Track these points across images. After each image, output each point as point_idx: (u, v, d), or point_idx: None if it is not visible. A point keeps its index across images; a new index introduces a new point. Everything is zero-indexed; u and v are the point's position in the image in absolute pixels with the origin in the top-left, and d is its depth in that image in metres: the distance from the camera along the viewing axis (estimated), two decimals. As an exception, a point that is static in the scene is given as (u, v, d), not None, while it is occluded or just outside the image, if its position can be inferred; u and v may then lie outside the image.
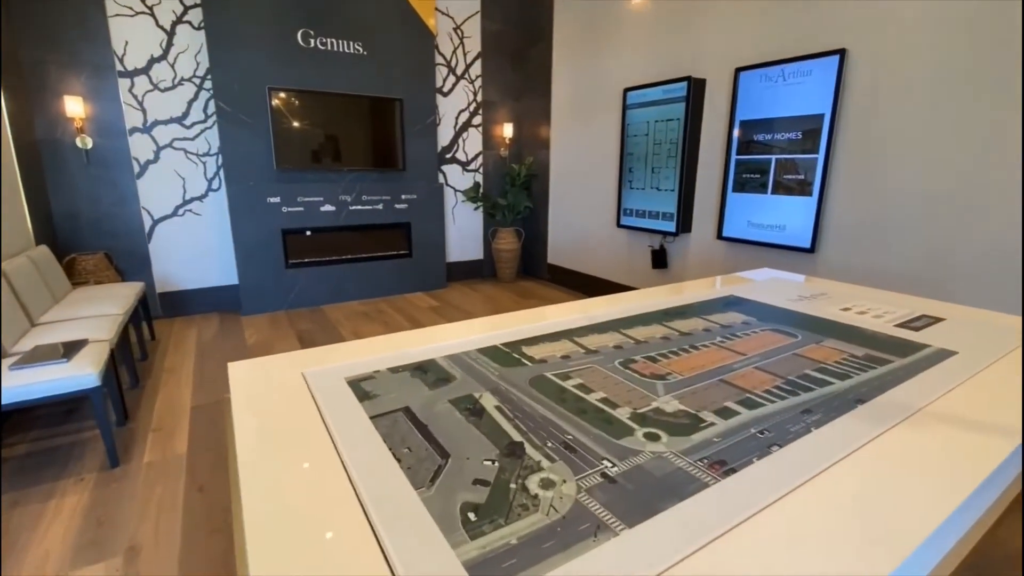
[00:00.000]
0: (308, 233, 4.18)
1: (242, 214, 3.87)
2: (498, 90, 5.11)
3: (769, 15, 2.94)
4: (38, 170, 3.33)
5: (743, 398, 0.97)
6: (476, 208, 5.19)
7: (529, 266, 5.53)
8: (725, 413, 0.91)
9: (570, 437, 0.82)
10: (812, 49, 2.74)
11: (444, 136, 4.88)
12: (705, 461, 0.76)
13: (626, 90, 3.83)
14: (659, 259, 3.90)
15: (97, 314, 2.64)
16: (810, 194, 2.84)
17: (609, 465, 0.75)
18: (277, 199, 3.99)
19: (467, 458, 0.76)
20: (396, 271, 4.65)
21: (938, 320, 1.47)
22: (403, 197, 4.51)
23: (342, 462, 0.75)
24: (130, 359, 2.79)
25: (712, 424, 0.87)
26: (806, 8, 2.76)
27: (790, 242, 2.98)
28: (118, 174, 3.62)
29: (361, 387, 1.00)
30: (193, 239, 3.97)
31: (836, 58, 2.62)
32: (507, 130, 5.18)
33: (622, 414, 0.90)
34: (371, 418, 0.88)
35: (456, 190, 5.06)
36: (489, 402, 0.94)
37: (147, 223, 3.79)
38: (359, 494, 0.68)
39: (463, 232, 5.20)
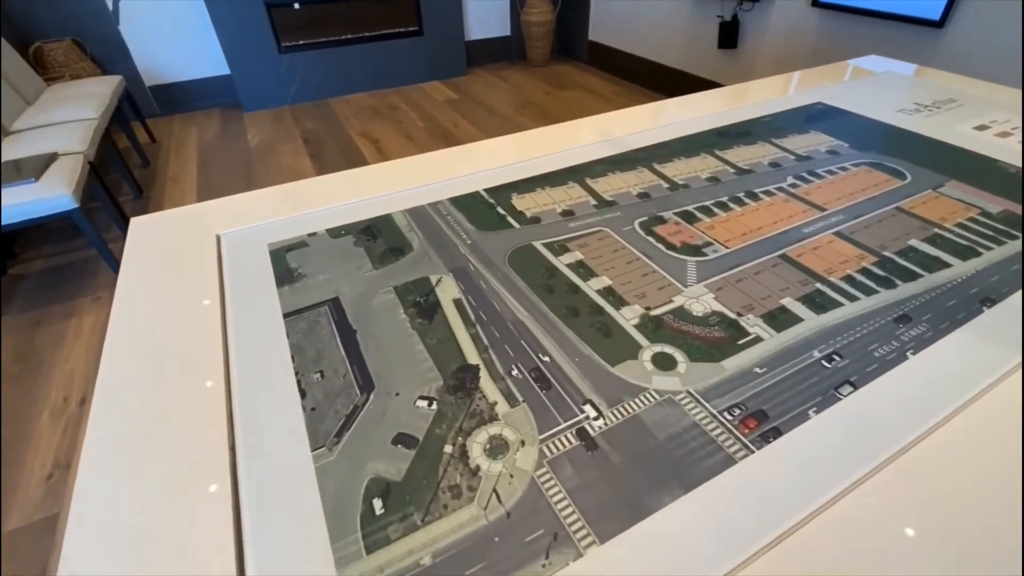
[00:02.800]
0: (296, 6, 3.48)
1: (212, -18, 3.18)
2: None
3: None
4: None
5: (810, 291, 0.67)
6: (501, -35, 4.12)
7: (566, 44, 4.64)
8: (779, 319, 0.63)
9: (547, 359, 0.59)
10: None
11: None
12: (736, 412, 0.52)
13: None
14: (728, 35, 3.09)
15: (71, 119, 2.37)
16: (969, -70, 1.96)
17: (593, 415, 0.52)
18: (250, -41, 3.21)
19: (396, 393, 0.55)
20: (407, 54, 3.98)
21: (1124, 146, 1.01)
22: (406, -49, 3.56)
23: (228, 393, 0.56)
24: (126, 168, 2.61)
25: (757, 339, 0.60)
26: None
27: (910, 11, 2.20)
28: (50, -72, 2.91)
29: (286, 261, 0.76)
30: (169, 17, 3.38)
31: None
32: None
33: (628, 317, 0.64)
34: (285, 316, 0.66)
35: (475, -62, 3.95)
36: (448, 292, 0.69)
37: (107, -2, 3.19)
38: (236, 452, 0.50)
39: (485, 1, 4.25)
